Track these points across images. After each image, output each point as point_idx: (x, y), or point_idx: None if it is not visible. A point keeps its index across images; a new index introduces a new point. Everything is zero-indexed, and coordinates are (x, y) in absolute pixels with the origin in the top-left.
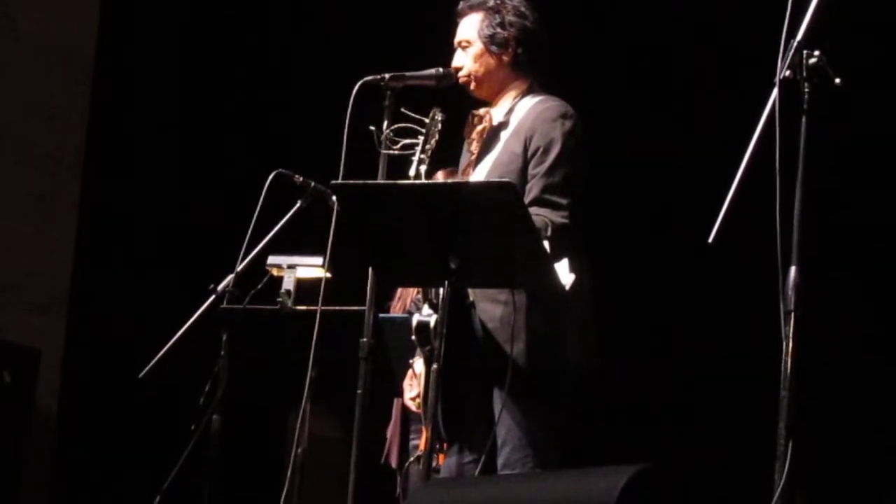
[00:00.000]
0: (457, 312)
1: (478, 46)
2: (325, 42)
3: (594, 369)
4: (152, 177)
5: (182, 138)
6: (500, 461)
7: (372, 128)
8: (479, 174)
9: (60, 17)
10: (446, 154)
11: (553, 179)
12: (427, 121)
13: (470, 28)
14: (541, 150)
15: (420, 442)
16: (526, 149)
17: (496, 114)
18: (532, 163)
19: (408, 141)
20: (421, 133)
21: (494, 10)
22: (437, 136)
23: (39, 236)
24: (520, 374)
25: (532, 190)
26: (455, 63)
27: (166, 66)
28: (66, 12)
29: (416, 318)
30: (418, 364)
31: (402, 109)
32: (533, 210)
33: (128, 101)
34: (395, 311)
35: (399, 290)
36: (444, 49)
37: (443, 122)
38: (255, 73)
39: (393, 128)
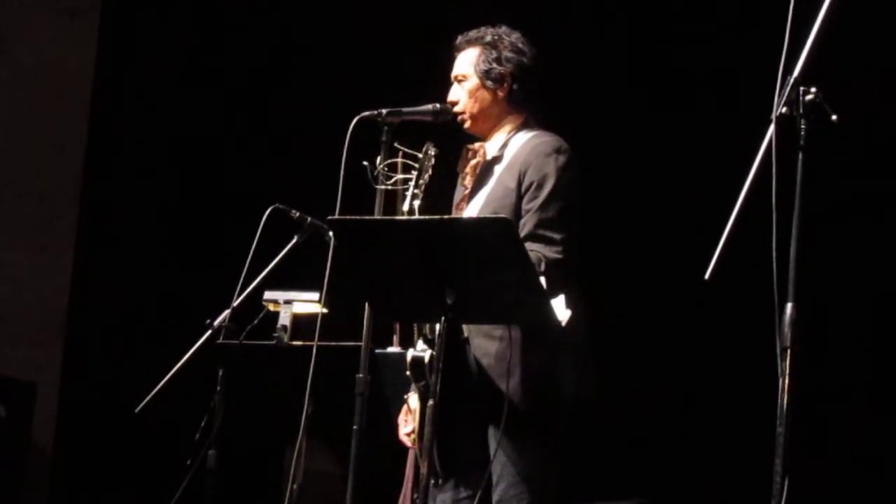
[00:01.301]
0: (451, 348)
1: (473, 81)
2: (322, 77)
3: (590, 404)
4: (150, 208)
5: (180, 170)
6: (495, 497)
7: (365, 163)
8: (472, 209)
9: (59, 45)
10: (440, 189)
11: (547, 214)
12: (420, 156)
13: (466, 63)
14: (535, 184)
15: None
16: (520, 184)
17: (490, 148)
18: (526, 198)
19: (402, 176)
20: (415, 168)
21: (491, 46)
22: (430, 171)
23: (36, 267)
24: (515, 410)
25: (526, 225)
26: (451, 97)
27: (165, 95)
28: (65, 40)
29: (410, 354)
30: (413, 399)
31: (396, 144)
32: (527, 245)
33: (126, 131)
34: None
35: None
36: (443, 85)
37: (436, 156)
38: (253, 106)
39: (387, 163)
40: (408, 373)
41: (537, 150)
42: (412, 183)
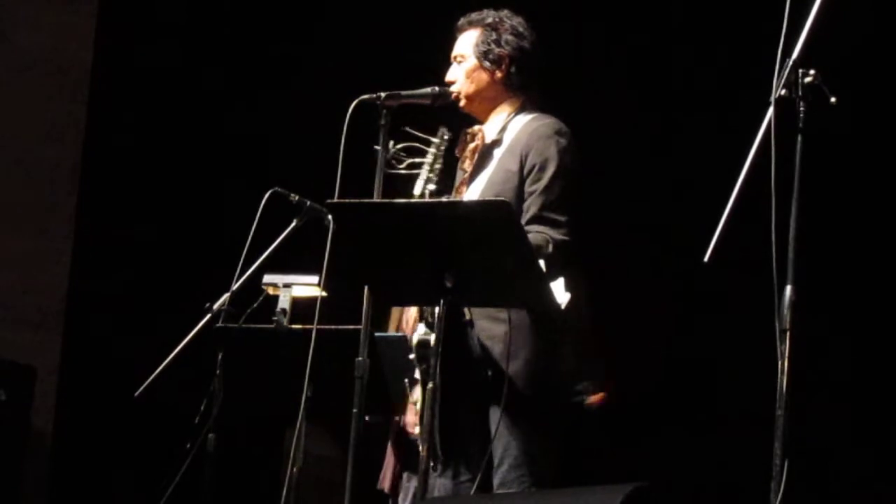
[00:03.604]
0: (454, 330)
1: (471, 62)
2: (322, 60)
3: (592, 387)
4: (148, 193)
5: (179, 155)
6: (496, 480)
7: (376, 147)
8: (472, 193)
9: (57, 32)
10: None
11: (551, 197)
12: (436, 140)
13: (466, 43)
14: (536, 167)
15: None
16: (521, 167)
17: (489, 131)
18: (528, 181)
19: (413, 160)
20: (425, 150)
21: (492, 28)
22: (443, 156)
23: (35, 252)
24: (517, 393)
25: (530, 208)
26: (449, 77)
27: (163, 81)
28: (63, 27)
29: (416, 336)
30: (416, 393)
31: (406, 128)
32: (533, 228)
33: (124, 116)
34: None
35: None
36: (445, 68)
37: (450, 140)
38: (253, 90)
39: (398, 147)
40: (412, 355)
41: (538, 133)
42: (426, 168)
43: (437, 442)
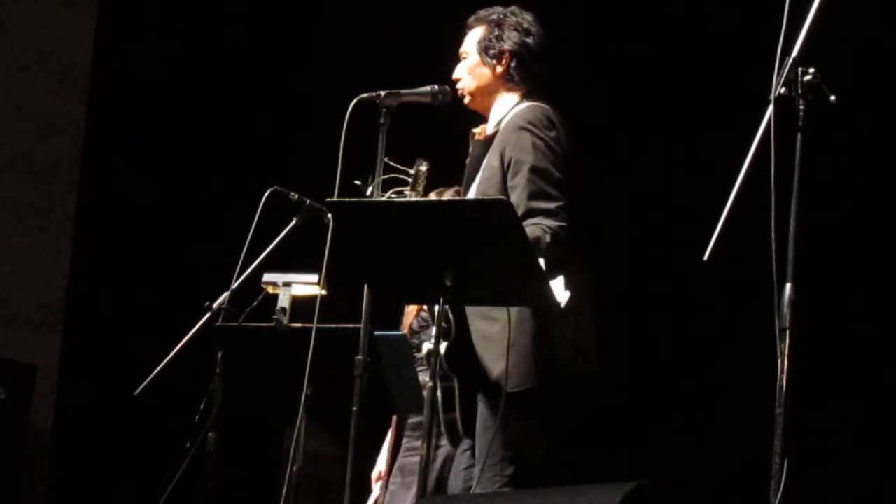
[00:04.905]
0: (461, 331)
1: (474, 58)
2: (324, 59)
3: (592, 384)
4: (148, 191)
5: (179, 153)
6: (489, 475)
7: (357, 182)
8: (471, 192)
9: (57, 30)
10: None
11: (534, 188)
12: (412, 171)
13: (471, 40)
14: (513, 161)
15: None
16: (502, 162)
17: (489, 128)
18: (508, 175)
19: (393, 192)
20: (407, 180)
21: (496, 24)
22: (423, 186)
23: (35, 250)
24: (511, 390)
25: (519, 204)
26: (454, 74)
27: (164, 79)
28: (63, 24)
29: (426, 346)
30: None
31: (387, 160)
32: (528, 222)
33: (124, 114)
34: (404, 328)
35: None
36: (444, 68)
37: (427, 172)
38: (253, 89)
39: (377, 181)
40: (423, 363)
41: (510, 125)
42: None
43: (459, 425)
